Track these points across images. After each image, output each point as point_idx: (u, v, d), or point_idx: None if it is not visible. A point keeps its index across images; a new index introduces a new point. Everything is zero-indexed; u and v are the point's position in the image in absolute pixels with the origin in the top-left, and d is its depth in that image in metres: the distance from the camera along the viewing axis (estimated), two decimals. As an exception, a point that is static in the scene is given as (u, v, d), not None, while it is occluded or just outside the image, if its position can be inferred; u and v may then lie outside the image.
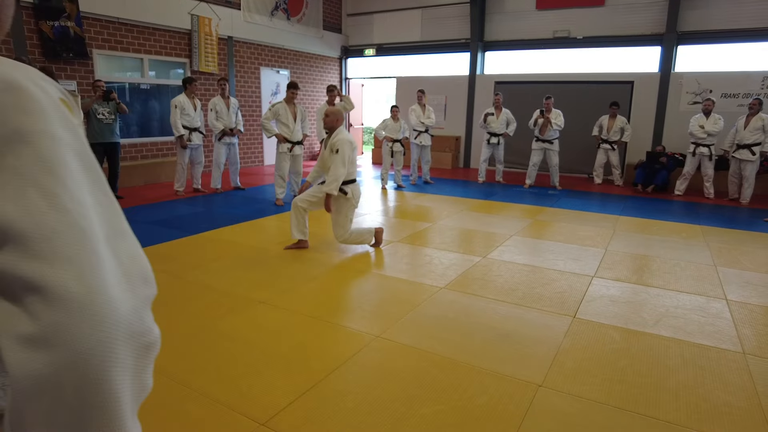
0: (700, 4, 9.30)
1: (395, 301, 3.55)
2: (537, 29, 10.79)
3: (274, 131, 6.87)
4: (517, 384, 2.52)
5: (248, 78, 10.82)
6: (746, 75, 8.95)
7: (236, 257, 4.52)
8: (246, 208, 6.71)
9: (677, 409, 2.35)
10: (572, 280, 4.08)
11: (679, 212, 7.15)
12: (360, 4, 13.06)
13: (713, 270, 4.47)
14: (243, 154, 10.68)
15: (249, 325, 3.14)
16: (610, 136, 9.00)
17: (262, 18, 10.74)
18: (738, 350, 2.96)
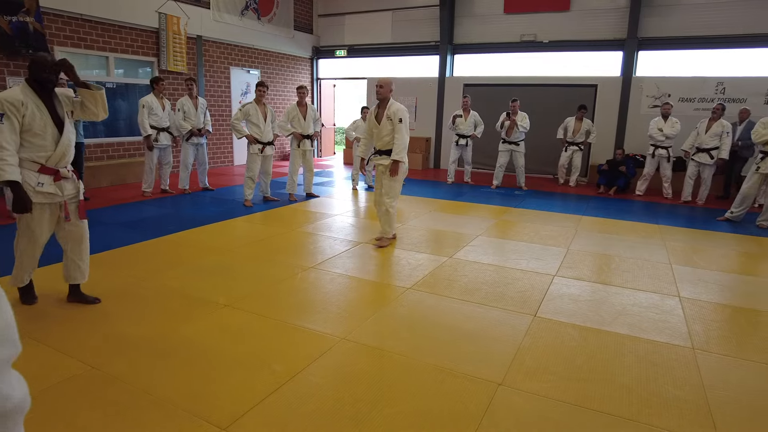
0: (658, 12, 9.64)
1: (361, 302, 3.58)
2: (505, 33, 10.99)
3: (245, 132, 6.82)
4: (477, 383, 2.59)
5: (218, 78, 10.68)
6: (702, 80, 9.32)
7: (202, 260, 4.48)
8: (214, 209, 6.64)
9: (630, 404, 2.45)
10: (534, 279, 4.19)
11: (639, 212, 7.40)
12: (331, 5, 13.04)
13: (669, 268, 4.65)
14: (212, 154, 10.54)
15: (212, 329, 3.12)
16: (576, 138, 9.23)
17: (232, 17, 10.62)
18: (688, 346, 3.10)
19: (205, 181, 8.00)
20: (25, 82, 3.12)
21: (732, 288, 4.27)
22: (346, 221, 6.24)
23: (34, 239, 3.25)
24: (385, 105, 4.90)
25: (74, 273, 3.41)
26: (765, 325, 3.53)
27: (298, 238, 5.39)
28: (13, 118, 2.97)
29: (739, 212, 6.68)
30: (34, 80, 3.11)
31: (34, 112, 3.05)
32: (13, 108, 2.97)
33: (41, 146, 3.10)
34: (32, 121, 3.04)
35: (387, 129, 4.86)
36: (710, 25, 9.30)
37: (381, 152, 4.99)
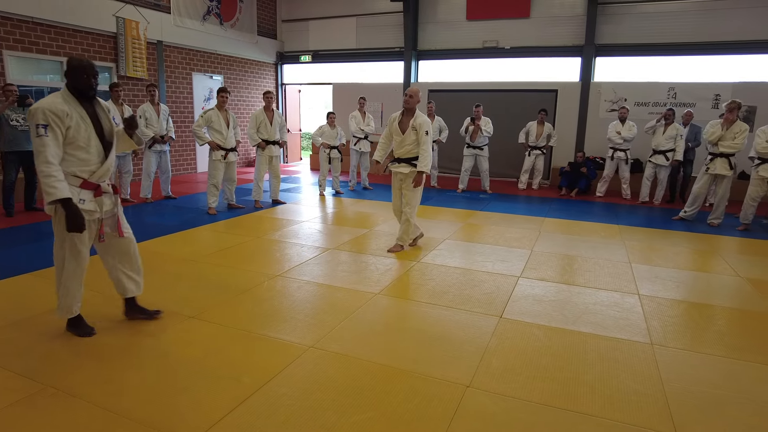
0: (612, 20, 10.02)
1: (330, 309, 3.56)
2: (467, 39, 11.18)
3: (207, 139, 6.69)
4: (446, 386, 2.61)
5: (180, 83, 10.47)
6: (655, 85, 9.73)
7: (165, 270, 4.37)
8: (177, 218, 6.49)
9: (593, 401, 2.52)
10: (500, 281, 4.27)
11: (600, 213, 7.64)
12: (295, 11, 12.99)
13: (628, 267, 4.81)
14: (175, 161, 10.31)
15: (177, 341, 3.05)
16: (538, 142, 9.45)
17: (193, 23, 10.44)
18: (647, 342, 3.21)
19: (168, 190, 7.82)
20: (66, 88, 2.87)
21: (687, 284, 4.45)
22: (314, 228, 6.20)
23: (82, 261, 2.99)
24: (411, 115, 4.87)
25: (129, 285, 3.23)
26: (717, 318, 3.69)
27: (265, 245, 5.33)
28: (57, 129, 2.71)
29: (692, 211, 6.98)
30: (74, 87, 2.86)
31: (79, 123, 2.81)
32: (57, 118, 2.71)
33: (85, 160, 2.86)
34: (76, 133, 2.80)
35: (410, 139, 4.85)
36: (661, 34, 9.72)
37: (400, 160, 4.97)
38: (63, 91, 2.86)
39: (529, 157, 9.59)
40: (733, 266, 4.96)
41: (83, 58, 2.90)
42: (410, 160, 4.92)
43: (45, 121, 2.68)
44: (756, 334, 3.42)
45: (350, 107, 9.96)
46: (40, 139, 2.67)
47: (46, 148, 2.68)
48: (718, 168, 6.62)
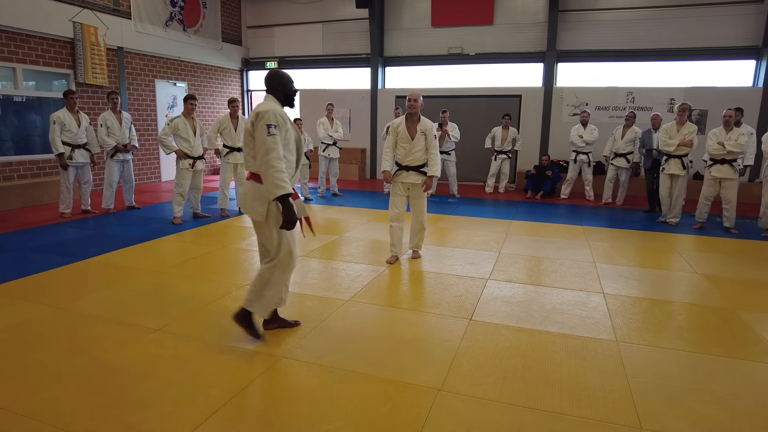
0: (573, 27, 10.33)
1: (300, 317, 3.52)
2: (433, 46, 11.33)
3: (174, 147, 6.54)
4: (418, 390, 2.62)
5: (142, 91, 10.22)
6: (614, 90, 10.07)
7: (129, 283, 4.24)
8: (141, 228, 6.31)
9: (561, 399, 2.57)
10: (469, 284, 4.32)
11: (564, 215, 7.82)
12: (260, 17, 12.89)
13: (593, 267, 4.94)
14: (138, 170, 10.05)
15: (142, 355, 2.96)
16: (504, 147, 9.63)
17: (155, 29, 10.22)
18: (612, 339, 3.30)
19: (132, 200, 7.60)
20: (273, 96, 3.03)
21: (648, 282, 4.60)
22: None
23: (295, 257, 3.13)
24: (415, 120, 4.74)
25: (285, 295, 3.26)
26: (677, 314, 3.83)
27: (232, 255, 5.24)
28: (280, 131, 2.89)
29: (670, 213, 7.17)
30: (284, 95, 3.06)
31: (289, 128, 2.99)
32: (282, 121, 2.90)
33: (290, 162, 2.99)
34: (289, 138, 2.98)
35: (420, 145, 4.72)
36: (619, 40, 10.09)
37: (409, 168, 4.79)
38: (273, 99, 3.03)
39: (495, 162, 9.75)
40: (690, 263, 5.15)
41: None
42: (419, 167, 4.78)
43: (275, 121, 2.85)
44: (712, 327, 3.56)
45: (318, 113, 9.93)
46: (273, 138, 2.82)
47: (278, 146, 2.84)
48: (673, 168, 6.89)
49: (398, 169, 4.84)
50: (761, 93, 9.27)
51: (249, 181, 3.02)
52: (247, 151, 2.97)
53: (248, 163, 2.99)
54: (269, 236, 3.01)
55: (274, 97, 3.04)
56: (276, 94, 3.05)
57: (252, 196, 2.96)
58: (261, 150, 2.82)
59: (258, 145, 2.84)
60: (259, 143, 2.83)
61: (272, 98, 3.04)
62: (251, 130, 2.88)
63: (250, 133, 2.90)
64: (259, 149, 2.84)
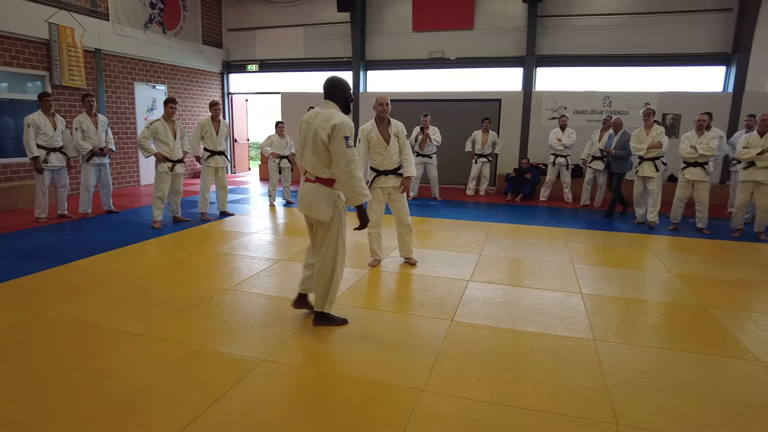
0: (551, 32, 10.53)
1: (282, 322, 3.53)
2: (414, 50, 11.42)
3: (153, 150, 6.47)
4: (400, 391, 2.64)
5: (121, 93, 10.09)
6: (592, 94, 10.28)
7: (109, 288, 4.19)
8: (120, 233, 6.23)
9: (541, 397, 2.63)
10: (450, 285, 4.37)
11: (544, 217, 7.95)
12: (241, 20, 12.83)
13: (571, 267, 5.04)
14: (117, 174, 9.91)
15: (123, 361, 2.93)
16: (484, 150, 9.75)
17: (134, 31, 10.10)
18: (590, 338, 3.38)
19: (110, 204, 7.49)
20: (333, 102, 3.18)
21: (624, 282, 4.71)
22: (264, 239, 6.11)
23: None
24: (386, 123, 4.71)
25: (310, 283, 3.48)
26: (652, 313, 3.93)
27: (213, 259, 5.21)
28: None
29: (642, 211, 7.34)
30: (345, 101, 3.21)
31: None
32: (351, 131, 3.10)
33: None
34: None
35: (395, 148, 4.70)
36: (595, 46, 10.32)
37: (387, 172, 4.76)
38: (334, 105, 3.18)
39: (475, 165, 9.86)
40: (664, 263, 5.29)
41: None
42: (396, 170, 4.77)
43: (350, 133, 3.05)
44: (685, 325, 3.67)
45: (299, 116, 9.78)
46: (352, 150, 3.05)
47: (356, 156, 3.10)
48: (646, 171, 7.08)
49: (376, 175, 4.82)
50: (731, 98, 9.56)
51: (315, 184, 3.19)
52: (317, 159, 3.13)
53: (317, 170, 3.16)
54: (329, 235, 3.24)
55: (335, 103, 3.17)
56: (337, 101, 3.18)
57: (320, 198, 3.16)
58: (341, 161, 3.02)
59: (337, 156, 3.03)
60: (338, 154, 3.02)
61: (333, 104, 3.17)
62: (326, 140, 3.03)
63: (323, 143, 3.05)
64: (338, 160, 3.03)
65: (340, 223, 3.26)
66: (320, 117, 3.13)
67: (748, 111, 8.48)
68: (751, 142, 6.36)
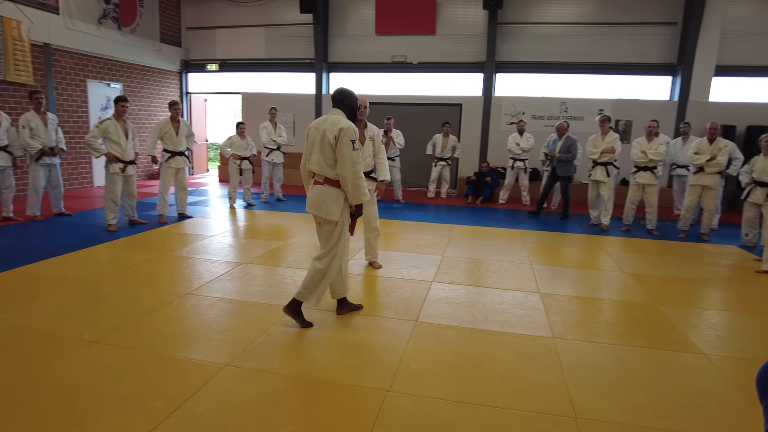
0: (510, 39, 10.80)
1: (245, 326, 3.47)
2: (377, 53, 11.47)
3: (103, 150, 6.24)
4: (366, 392, 2.66)
5: (72, 91, 9.67)
6: (549, 100, 10.62)
7: (61, 294, 4.01)
8: (72, 236, 5.97)
9: (504, 394, 2.70)
10: (414, 287, 4.42)
11: (503, 219, 8.14)
12: (201, 18, 12.54)
13: (530, 268, 5.18)
14: (68, 175, 9.49)
15: (79, 369, 2.81)
16: (444, 154, 9.90)
17: (87, 26, 9.71)
18: (549, 336, 3.49)
19: (60, 206, 7.16)
20: (340, 110, 3.38)
21: (580, 281, 4.89)
22: (224, 242, 6.00)
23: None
24: (362, 126, 4.61)
25: (340, 287, 3.67)
26: (606, 310, 4.10)
27: (172, 263, 5.07)
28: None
29: (596, 214, 7.61)
30: (351, 110, 3.41)
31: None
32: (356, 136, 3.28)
33: None
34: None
35: (369, 151, 4.67)
36: (553, 53, 10.67)
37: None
38: (341, 112, 3.38)
39: (435, 168, 10.01)
40: (617, 263, 5.52)
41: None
42: (369, 173, 4.74)
43: (355, 137, 3.24)
44: (638, 322, 3.85)
45: (261, 117, 9.79)
46: (357, 152, 3.25)
47: (360, 159, 3.30)
48: (598, 175, 7.37)
49: None
50: (676, 106, 10.08)
51: (324, 186, 3.35)
52: (323, 159, 3.30)
53: (324, 170, 3.32)
54: (332, 233, 3.42)
55: (342, 111, 3.40)
56: (344, 109, 3.41)
57: (329, 198, 3.35)
58: (346, 162, 3.22)
59: (343, 157, 3.23)
60: (344, 156, 3.22)
61: (340, 112, 3.39)
62: (333, 142, 3.23)
63: (330, 144, 3.24)
64: (344, 161, 3.22)
65: (346, 223, 3.46)
66: (328, 121, 3.33)
67: (692, 119, 8.96)
68: (702, 148, 6.72)
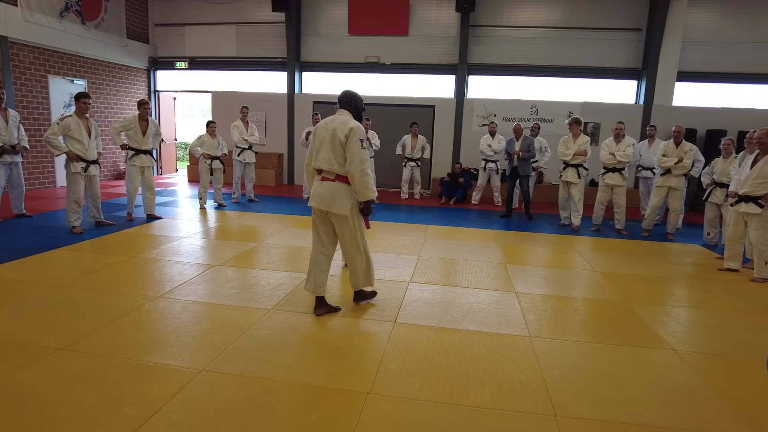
0: (482, 42, 10.93)
1: (220, 329, 3.39)
2: (350, 53, 11.43)
3: (64, 148, 6.00)
4: (347, 395, 2.62)
5: (32, 87, 9.29)
6: (520, 102, 10.79)
7: (21, 299, 3.83)
8: (34, 238, 5.72)
9: (483, 394, 2.71)
10: (392, 287, 4.40)
11: (476, 219, 8.22)
12: (169, 15, 12.24)
13: (504, 268, 5.24)
14: (29, 174, 9.11)
15: (44, 377, 2.69)
16: (414, 154, 9.94)
17: (48, 19, 9.34)
18: (525, 335, 3.53)
19: (22, 207, 6.85)
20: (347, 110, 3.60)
21: (554, 280, 4.97)
22: (196, 243, 5.85)
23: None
24: None
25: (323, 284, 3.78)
26: (580, 309, 4.18)
27: (141, 265, 4.91)
28: None
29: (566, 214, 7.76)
30: (358, 110, 3.64)
31: None
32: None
33: None
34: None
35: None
36: (523, 56, 10.84)
37: None
38: (347, 112, 3.60)
39: (406, 168, 10.06)
40: (589, 262, 5.64)
41: None
42: None
43: (363, 136, 3.47)
44: (610, 320, 3.93)
45: (231, 116, 9.62)
46: (365, 151, 3.46)
47: (368, 157, 3.49)
48: (569, 176, 7.52)
49: None
50: (642, 110, 10.40)
51: (335, 182, 3.52)
52: (333, 156, 3.48)
53: (333, 167, 3.50)
54: (348, 227, 3.62)
55: (348, 111, 3.61)
56: (350, 110, 3.62)
57: (341, 194, 3.52)
58: (356, 159, 3.42)
59: (352, 155, 3.42)
60: (353, 153, 3.42)
61: (346, 112, 3.60)
62: (343, 140, 3.43)
63: (341, 142, 3.44)
64: (353, 158, 3.42)
65: (358, 216, 3.65)
66: (337, 121, 3.54)
67: (656, 122, 9.27)
68: (669, 151, 6.93)
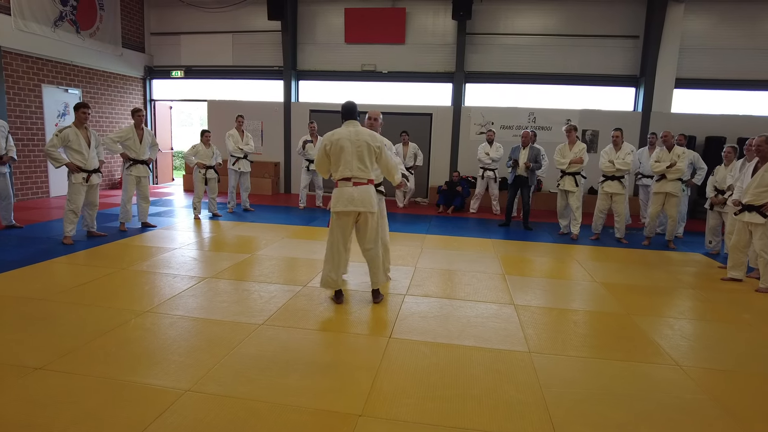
0: (479, 49, 10.90)
1: (208, 346, 3.27)
2: (347, 62, 11.39)
3: (65, 160, 5.93)
4: (338, 417, 2.51)
5: (26, 96, 9.21)
6: (517, 110, 10.73)
7: (7, 313, 3.71)
8: (23, 250, 5.61)
9: (480, 414, 2.59)
10: (387, 301, 4.29)
11: (474, 228, 8.12)
12: (165, 24, 12.21)
13: (503, 278, 5.13)
14: (21, 185, 9.01)
15: (20, 399, 2.56)
16: (406, 162, 9.85)
17: (42, 28, 9.29)
18: (525, 350, 3.41)
19: (11, 218, 6.74)
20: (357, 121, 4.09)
21: (553, 292, 4.86)
22: (188, 255, 5.74)
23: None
24: None
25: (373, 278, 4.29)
26: (581, 322, 4.06)
27: (131, 278, 4.80)
28: None
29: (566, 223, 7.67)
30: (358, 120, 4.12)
31: None
32: None
33: None
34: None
35: None
36: (521, 64, 10.81)
37: None
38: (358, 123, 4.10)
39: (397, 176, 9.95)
40: (589, 272, 5.53)
41: None
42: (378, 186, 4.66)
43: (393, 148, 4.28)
44: (612, 333, 3.82)
45: (227, 125, 9.55)
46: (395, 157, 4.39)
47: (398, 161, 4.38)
48: (566, 185, 7.43)
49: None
50: (640, 117, 10.34)
51: (367, 185, 4.02)
52: (364, 165, 3.99)
53: (365, 173, 4.00)
54: (376, 220, 4.16)
55: (358, 122, 4.09)
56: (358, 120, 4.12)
57: (372, 195, 4.06)
58: (390, 164, 4.17)
59: (388, 163, 4.15)
60: (389, 161, 4.16)
61: (358, 123, 4.08)
62: (377, 151, 4.02)
63: (375, 152, 4.01)
64: (389, 165, 4.16)
65: (380, 212, 4.30)
66: (364, 133, 4.01)
67: (655, 129, 9.18)
68: (661, 156, 6.86)
